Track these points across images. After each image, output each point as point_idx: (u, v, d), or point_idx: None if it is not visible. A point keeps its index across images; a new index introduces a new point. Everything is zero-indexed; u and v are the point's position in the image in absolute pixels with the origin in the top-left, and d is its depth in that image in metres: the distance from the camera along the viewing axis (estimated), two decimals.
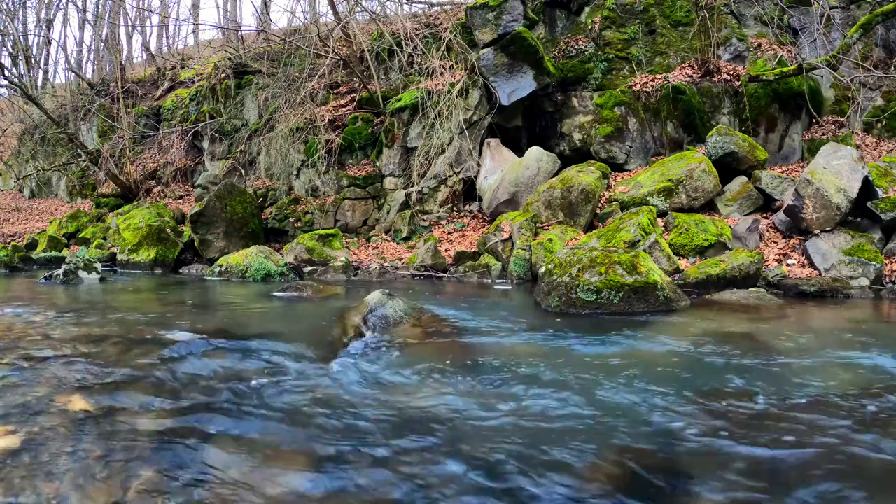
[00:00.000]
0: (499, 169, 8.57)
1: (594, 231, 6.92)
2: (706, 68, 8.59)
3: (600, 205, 7.64)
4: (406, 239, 8.70)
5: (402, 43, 9.96)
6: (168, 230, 9.10)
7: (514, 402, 2.39)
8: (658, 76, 8.94)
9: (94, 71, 18.08)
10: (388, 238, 8.95)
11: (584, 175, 7.50)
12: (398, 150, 9.37)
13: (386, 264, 7.71)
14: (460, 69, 9.17)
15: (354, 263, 7.84)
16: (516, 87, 8.82)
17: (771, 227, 6.76)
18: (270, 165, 10.58)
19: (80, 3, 19.26)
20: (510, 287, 6.24)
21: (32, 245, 10.52)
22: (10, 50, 15.69)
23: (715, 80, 8.57)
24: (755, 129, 8.29)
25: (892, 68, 8.39)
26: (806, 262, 6.07)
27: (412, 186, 9.12)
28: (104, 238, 9.92)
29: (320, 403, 2.37)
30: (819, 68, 7.89)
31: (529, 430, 2.11)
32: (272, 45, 12.58)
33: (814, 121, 8.62)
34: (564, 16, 10.00)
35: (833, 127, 8.51)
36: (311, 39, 11.01)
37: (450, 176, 8.95)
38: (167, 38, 19.79)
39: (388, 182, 9.49)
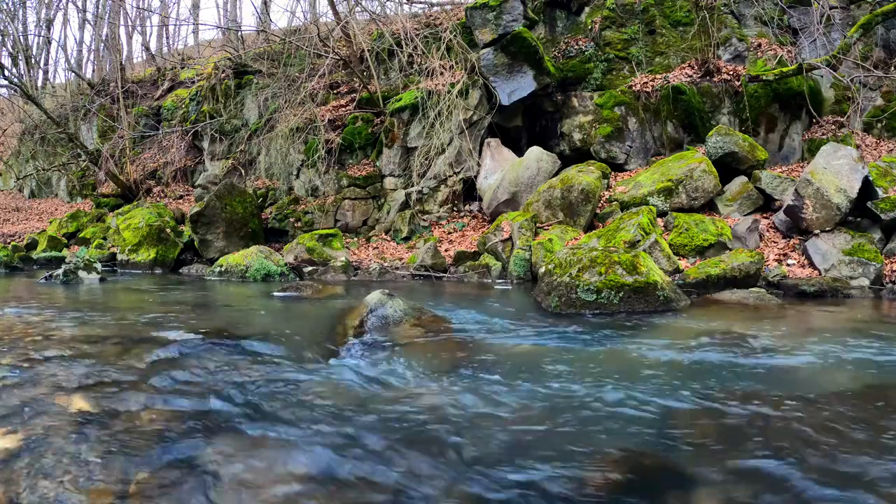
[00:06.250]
0: (499, 169, 8.57)
1: (594, 231, 6.92)
2: (706, 68, 8.59)
3: (600, 205, 7.64)
4: (406, 239, 8.70)
5: (402, 43, 9.95)
6: (168, 230, 9.10)
7: (513, 402, 2.39)
8: (658, 76, 8.94)
9: (94, 71, 18.08)
10: (388, 238, 8.95)
11: (584, 175, 7.50)
12: (398, 150, 9.37)
13: (386, 264, 7.71)
14: (460, 69, 9.17)
15: (354, 263, 7.83)
16: (516, 87, 8.82)
17: (771, 227, 6.75)
18: (270, 165, 10.58)
19: (80, 3, 19.26)
20: (510, 287, 6.24)
21: (32, 245, 10.51)
22: (10, 50, 15.71)
23: (715, 80, 8.56)
24: (755, 129, 8.29)
25: (892, 68, 8.38)
26: (806, 262, 6.06)
27: (412, 186, 9.12)
28: (104, 238, 9.92)
29: (320, 403, 2.37)
30: (819, 68, 7.88)
31: (528, 430, 2.11)
32: (272, 45, 12.57)
33: (814, 121, 8.62)
34: (564, 16, 9.99)
35: (833, 127, 8.51)
36: (311, 39, 11.00)
37: (450, 176, 8.95)
38: (167, 38, 19.81)
39: (388, 182, 9.49)
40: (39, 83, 18.72)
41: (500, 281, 6.69)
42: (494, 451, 1.93)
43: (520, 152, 8.80)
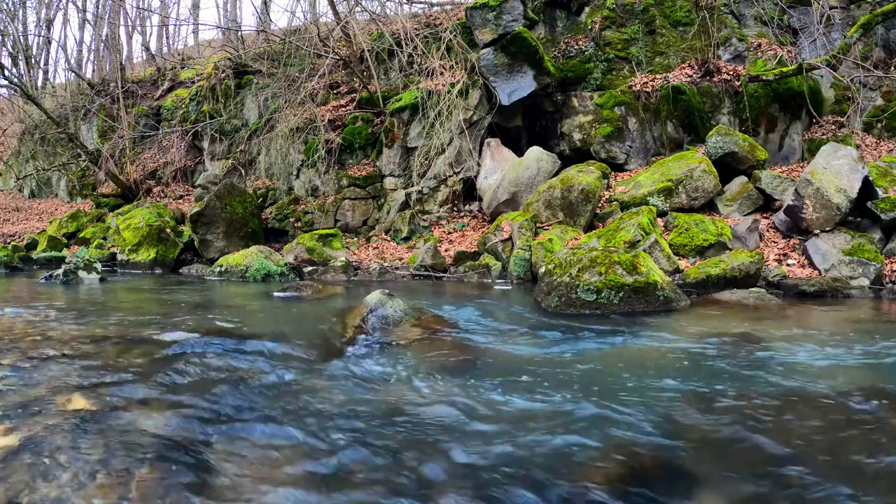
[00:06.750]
0: (499, 169, 8.57)
1: (594, 231, 6.92)
2: (706, 68, 8.59)
3: (600, 205, 7.64)
4: (406, 239, 8.70)
5: (402, 43, 9.95)
6: (168, 230, 9.10)
7: (512, 402, 2.39)
8: (658, 76, 8.94)
9: (94, 71, 18.08)
10: (388, 238, 8.95)
11: (584, 175, 7.50)
12: (398, 150, 9.37)
13: (386, 264, 7.71)
14: (460, 69, 9.17)
15: (354, 263, 7.83)
16: (516, 87, 8.82)
17: (771, 227, 6.75)
18: (270, 165, 10.58)
19: (80, 3, 19.26)
20: (510, 287, 6.24)
21: (32, 245, 10.51)
22: (10, 50, 15.71)
23: (715, 80, 8.56)
24: (755, 129, 8.29)
25: (892, 68, 8.38)
26: (806, 262, 6.06)
27: (412, 186, 9.12)
28: (104, 238, 9.92)
29: (319, 403, 2.37)
30: (819, 68, 7.88)
31: (528, 429, 2.11)
32: (272, 45, 12.57)
33: (814, 121, 8.62)
34: (564, 16, 10.00)
35: (833, 127, 8.51)
36: (311, 39, 11.00)
37: (450, 176, 8.95)
38: (167, 38, 19.81)
39: (388, 182, 9.49)
40: (39, 83, 18.72)
41: (500, 281, 6.69)
42: (494, 451, 1.93)
43: (520, 152, 8.80)
